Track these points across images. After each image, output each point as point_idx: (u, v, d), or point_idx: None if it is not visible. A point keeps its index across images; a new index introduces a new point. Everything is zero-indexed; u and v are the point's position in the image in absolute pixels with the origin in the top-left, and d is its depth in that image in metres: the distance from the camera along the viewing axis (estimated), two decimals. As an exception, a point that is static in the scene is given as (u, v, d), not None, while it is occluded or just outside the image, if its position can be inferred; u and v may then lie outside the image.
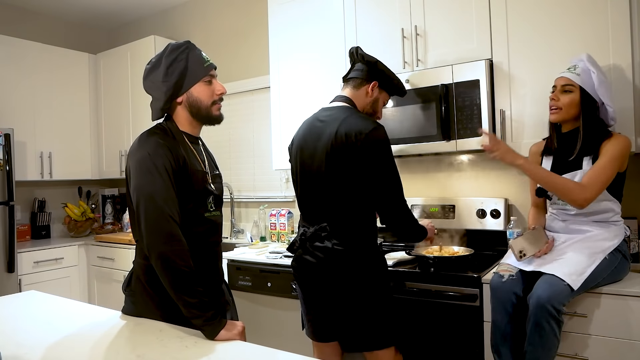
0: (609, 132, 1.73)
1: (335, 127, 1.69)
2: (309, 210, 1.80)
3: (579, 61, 1.75)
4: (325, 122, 1.75)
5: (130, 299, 1.43)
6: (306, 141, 1.80)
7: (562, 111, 1.74)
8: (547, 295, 1.53)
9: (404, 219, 1.72)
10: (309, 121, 1.86)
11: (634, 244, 1.93)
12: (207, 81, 1.44)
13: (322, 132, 1.73)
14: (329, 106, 1.83)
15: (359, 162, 1.64)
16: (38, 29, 3.91)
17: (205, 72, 1.44)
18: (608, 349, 1.60)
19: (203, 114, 1.45)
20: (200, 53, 1.47)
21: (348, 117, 1.69)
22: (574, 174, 1.73)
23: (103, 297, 3.49)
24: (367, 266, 1.70)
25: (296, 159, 1.85)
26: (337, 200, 1.70)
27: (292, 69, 2.76)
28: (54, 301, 1.60)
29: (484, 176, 2.48)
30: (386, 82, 1.84)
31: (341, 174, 1.67)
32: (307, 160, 1.78)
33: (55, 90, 3.70)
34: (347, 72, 1.88)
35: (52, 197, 3.92)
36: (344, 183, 1.68)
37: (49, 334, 1.26)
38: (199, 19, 3.76)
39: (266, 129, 3.29)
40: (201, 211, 1.42)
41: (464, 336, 1.87)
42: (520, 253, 1.69)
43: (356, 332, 1.69)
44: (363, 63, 1.82)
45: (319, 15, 2.63)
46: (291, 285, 2.35)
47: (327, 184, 1.71)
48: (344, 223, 1.70)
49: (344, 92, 1.84)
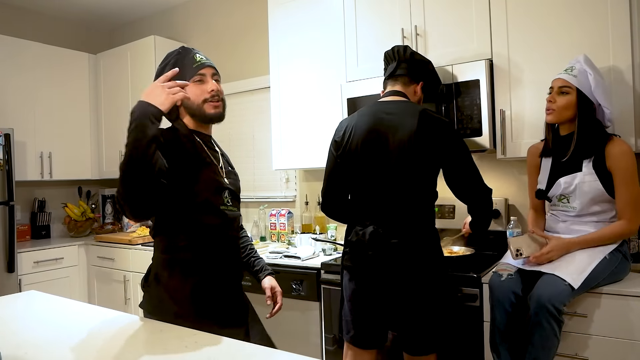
0: (607, 135, 1.73)
1: (414, 119, 1.63)
2: (371, 201, 1.69)
3: (576, 62, 1.75)
4: (395, 114, 1.68)
5: (146, 295, 1.45)
6: (376, 131, 1.69)
7: (556, 112, 1.75)
8: (548, 295, 1.53)
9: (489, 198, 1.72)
10: (369, 112, 1.74)
11: (634, 244, 1.93)
12: (197, 81, 1.45)
13: (397, 124, 1.66)
14: (389, 99, 1.77)
15: (443, 155, 1.64)
16: (38, 29, 3.91)
17: (193, 72, 1.45)
18: (608, 349, 1.59)
19: (197, 113, 1.46)
20: (194, 55, 1.48)
21: (424, 110, 1.66)
22: (573, 177, 1.73)
23: (103, 297, 3.49)
24: (436, 265, 1.66)
25: (356, 149, 1.71)
26: (414, 195, 1.65)
27: (292, 69, 2.76)
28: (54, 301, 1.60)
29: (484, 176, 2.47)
30: (432, 84, 1.84)
31: (422, 166, 1.64)
32: (379, 150, 1.67)
33: (55, 91, 3.70)
34: (392, 69, 1.82)
35: (52, 197, 3.92)
36: (424, 175, 1.65)
37: (49, 334, 1.26)
38: (199, 19, 3.76)
39: (266, 129, 3.29)
40: (215, 203, 1.43)
41: (463, 336, 1.87)
42: (517, 251, 1.69)
43: (423, 333, 1.63)
44: (413, 62, 1.80)
45: (318, 15, 2.63)
46: (291, 285, 2.35)
47: (406, 177, 1.64)
48: (410, 216, 1.65)
49: (396, 87, 1.80)
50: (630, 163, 1.67)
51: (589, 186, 1.70)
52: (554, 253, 1.66)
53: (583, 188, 1.71)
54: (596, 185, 1.69)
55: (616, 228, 1.68)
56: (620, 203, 1.68)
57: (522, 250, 1.70)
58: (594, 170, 1.70)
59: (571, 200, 1.76)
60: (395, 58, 1.83)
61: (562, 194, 1.78)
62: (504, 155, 2.09)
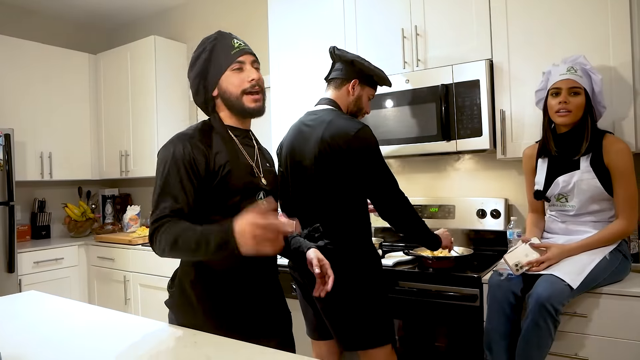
0: (601, 131, 1.75)
1: (320, 131, 1.70)
2: (301, 213, 1.80)
3: (575, 63, 1.75)
4: (311, 127, 1.76)
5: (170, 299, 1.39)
6: (294, 146, 1.81)
7: (572, 114, 1.71)
8: (547, 294, 1.53)
9: (403, 213, 1.72)
10: (295, 126, 1.86)
11: (634, 244, 1.93)
12: (236, 69, 1.33)
13: (309, 137, 1.74)
14: (314, 109, 1.84)
15: (347, 164, 1.66)
16: (38, 29, 3.90)
17: (231, 59, 1.32)
18: (608, 349, 1.59)
19: (236, 106, 1.33)
20: (232, 41, 1.36)
21: (332, 120, 1.70)
22: (571, 175, 1.73)
23: (103, 297, 3.49)
24: (361, 265, 1.71)
25: (286, 163, 1.85)
26: (329, 202, 1.72)
27: (292, 70, 2.76)
28: (54, 301, 1.60)
29: (484, 176, 2.48)
30: (366, 78, 1.82)
31: (331, 176, 1.69)
32: (297, 164, 1.79)
33: (55, 90, 3.69)
34: (328, 72, 1.88)
35: (52, 197, 3.92)
36: (335, 185, 1.70)
37: (49, 334, 1.26)
38: (199, 19, 3.76)
39: (266, 129, 3.29)
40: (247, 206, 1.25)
41: (463, 336, 1.87)
42: (516, 266, 1.68)
43: (351, 331, 1.69)
44: (341, 62, 1.82)
45: (318, 15, 2.63)
46: (291, 285, 2.35)
47: (317, 186, 1.72)
48: (336, 223, 1.71)
49: (326, 94, 1.85)
50: (628, 161, 1.68)
51: (587, 184, 1.70)
52: (553, 261, 1.66)
53: (581, 186, 1.71)
54: (594, 183, 1.69)
55: (614, 228, 1.68)
56: (618, 201, 1.68)
57: (520, 262, 1.69)
58: (592, 168, 1.70)
59: (569, 199, 1.76)
60: (332, 60, 1.87)
61: (560, 193, 1.78)
62: (504, 155, 2.09)
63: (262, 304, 1.38)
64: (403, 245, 2.37)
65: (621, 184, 1.67)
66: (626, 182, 1.67)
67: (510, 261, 1.69)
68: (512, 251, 1.73)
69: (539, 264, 1.66)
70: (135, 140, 3.69)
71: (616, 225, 1.68)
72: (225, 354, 1.09)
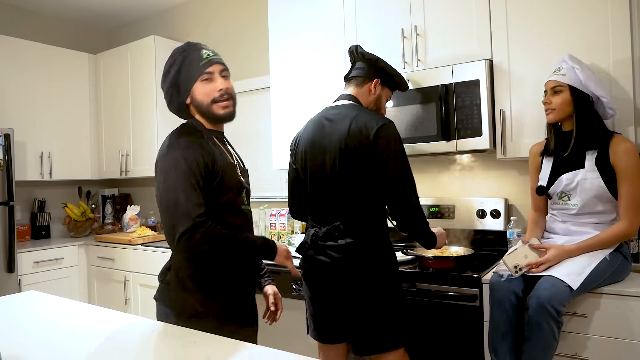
0: (610, 132, 1.73)
1: (346, 124, 1.66)
2: (319, 210, 1.76)
3: (562, 62, 1.78)
4: (334, 121, 1.71)
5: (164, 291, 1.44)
6: (314, 140, 1.75)
7: (556, 111, 1.76)
8: (548, 296, 1.53)
9: (414, 217, 1.65)
10: (315, 120, 1.81)
11: (634, 244, 1.93)
12: (205, 79, 1.40)
13: (333, 131, 1.70)
14: (335, 104, 1.80)
15: (372, 158, 1.62)
16: (38, 29, 3.91)
17: (200, 70, 1.40)
18: (608, 349, 1.60)
19: (207, 114, 1.43)
20: (200, 52, 1.43)
21: (359, 114, 1.67)
22: (575, 173, 1.73)
23: (103, 297, 3.49)
24: (382, 264, 1.67)
25: (303, 158, 1.80)
26: (350, 199, 1.67)
27: (293, 70, 2.76)
28: (54, 301, 1.60)
29: (484, 176, 2.48)
30: (388, 78, 1.82)
31: (355, 171, 1.65)
32: (318, 159, 1.73)
33: (55, 91, 3.69)
34: (348, 71, 1.87)
35: (52, 197, 3.92)
36: (358, 180, 1.65)
37: (49, 334, 1.26)
38: (199, 19, 3.76)
39: (266, 129, 3.29)
40: (237, 203, 1.44)
41: (463, 336, 1.87)
42: (515, 268, 1.68)
43: (367, 334, 1.65)
44: (364, 61, 1.81)
45: (319, 15, 2.63)
46: (291, 285, 2.35)
47: (340, 182, 1.67)
48: (357, 221, 1.67)
49: (347, 90, 1.82)
50: (635, 161, 1.67)
51: (591, 183, 1.70)
52: (552, 262, 1.66)
53: (585, 185, 1.71)
54: (598, 183, 1.69)
55: (616, 230, 1.68)
56: (622, 202, 1.67)
57: (519, 264, 1.69)
58: (597, 167, 1.70)
59: (572, 197, 1.75)
60: (351, 59, 1.87)
61: (563, 191, 1.77)
62: (504, 155, 2.09)
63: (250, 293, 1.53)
64: (403, 245, 2.37)
65: (626, 184, 1.66)
66: (631, 183, 1.66)
67: (509, 263, 1.69)
68: (511, 252, 1.73)
69: (538, 265, 1.66)
70: (135, 140, 3.69)
71: (618, 227, 1.68)
72: (225, 354, 1.09)
